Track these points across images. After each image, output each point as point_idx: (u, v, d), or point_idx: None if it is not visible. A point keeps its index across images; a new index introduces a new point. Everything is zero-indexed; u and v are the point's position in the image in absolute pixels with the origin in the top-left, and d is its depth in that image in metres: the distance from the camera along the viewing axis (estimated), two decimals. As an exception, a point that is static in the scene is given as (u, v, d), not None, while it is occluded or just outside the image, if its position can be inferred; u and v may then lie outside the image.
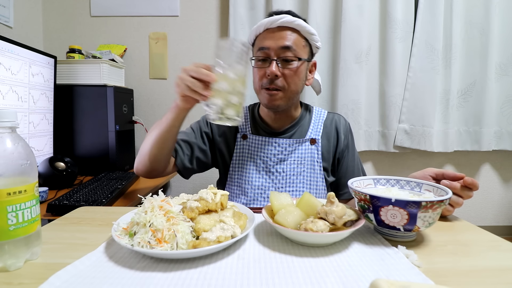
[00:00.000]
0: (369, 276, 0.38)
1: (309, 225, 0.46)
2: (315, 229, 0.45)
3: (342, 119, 0.93)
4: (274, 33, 0.78)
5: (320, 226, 0.45)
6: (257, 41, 0.81)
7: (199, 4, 1.74)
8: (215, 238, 0.43)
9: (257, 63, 0.80)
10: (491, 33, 1.64)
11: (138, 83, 1.77)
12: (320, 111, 0.93)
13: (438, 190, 0.52)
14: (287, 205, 0.52)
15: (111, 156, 1.42)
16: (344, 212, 0.48)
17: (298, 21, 0.77)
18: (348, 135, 0.92)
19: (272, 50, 0.77)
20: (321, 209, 0.48)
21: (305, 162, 0.85)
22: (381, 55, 1.69)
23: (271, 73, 0.76)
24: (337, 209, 0.47)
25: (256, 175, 0.85)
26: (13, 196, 0.39)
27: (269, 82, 0.78)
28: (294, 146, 0.86)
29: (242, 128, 0.90)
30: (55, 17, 1.73)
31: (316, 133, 0.88)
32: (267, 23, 0.78)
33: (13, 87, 1.06)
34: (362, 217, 0.50)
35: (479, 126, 1.71)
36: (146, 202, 0.48)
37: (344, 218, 0.47)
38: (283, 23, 0.77)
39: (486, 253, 0.46)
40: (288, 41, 0.76)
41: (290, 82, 0.78)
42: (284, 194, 0.54)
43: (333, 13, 1.68)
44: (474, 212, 1.88)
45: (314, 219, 0.47)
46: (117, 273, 0.39)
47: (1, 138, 0.40)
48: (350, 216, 0.49)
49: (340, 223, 0.47)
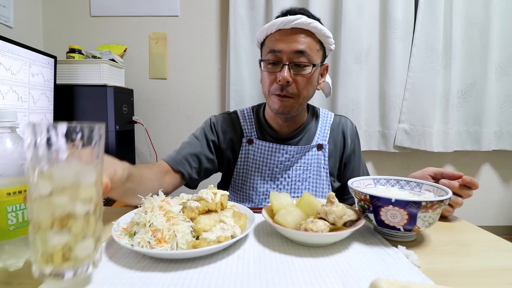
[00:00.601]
0: (369, 276, 0.38)
1: (309, 225, 0.46)
2: (315, 229, 0.45)
3: (349, 122, 0.90)
4: (287, 35, 0.72)
5: (320, 226, 0.45)
6: (268, 41, 0.75)
7: (199, 4, 1.74)
8: (215, 238, 0.43)
9: (267, 66, 0.75)
10: (491, 33, 1.64)
11: (138, 83, 1.77)
12: (326, 114, 0.90)
13: (438, 190, 0.52)
14: (287, 205, 0.52)
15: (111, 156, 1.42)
16: (344, 212, 0.47)
17: (314, 23, 0.71)
18: (355, 139, 0.90)
19: (284, 53, 0.71)
20: (321, 209, 0.48)
21: (311, 168, 0.83)
22: (381, 55, 1.69)
23: (283, 79, 0.71)
24: (337, 209, 0.47)
25: (261, 182, 0.83)
26: (13, 196, 0.39)
27: (280, 88, 0.73)
28: (301, 153, 0.83)
29: (247, 132, 0.86)
30: (55, 17, 1.73)
31: (323, 138, 0.85)
32: (281, 23, 0.71)
33: (13, 87, 1.06)
34: (362, 217, 0.50)
35: (479, 126, 1.71)
36: (146, 202, 0.48)
37: (344, 218, 0.47)
38: (298, 25, 0.70)
39: (486, 253, 0.46)
40: (302, 45, 0.71)
41: (302, 89, 0.74)
42: (284, 194, 0.54)
43: (333, 13, 1.68)
44: (474, 212, 1.88)
45: (314, 219, 0.47)
46: (117, 273, 0.39)
47: (1, 138, 0.40)
48: (350, 216, 0.48)
49: (340, 223, 0.47)
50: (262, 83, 0.79)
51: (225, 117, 0.89)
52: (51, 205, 0.32)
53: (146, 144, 1.80)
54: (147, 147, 1.80)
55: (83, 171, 0.33)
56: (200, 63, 1.78)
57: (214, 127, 0.87)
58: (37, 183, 0.32)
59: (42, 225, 0.32)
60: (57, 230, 0.32)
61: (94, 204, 0.34)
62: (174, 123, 1.81)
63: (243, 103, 1.68)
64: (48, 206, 0.32)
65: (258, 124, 0.87)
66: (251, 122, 0.87)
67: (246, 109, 0.90)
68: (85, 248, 0.33)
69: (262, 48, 0.80)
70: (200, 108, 1.80)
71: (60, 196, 0.32)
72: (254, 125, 0.86)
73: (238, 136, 0.86)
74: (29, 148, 0.32)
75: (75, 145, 0.32)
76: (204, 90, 1.79)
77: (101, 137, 0.35)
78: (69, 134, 0.32)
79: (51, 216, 0.32)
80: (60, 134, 0.31)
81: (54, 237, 0.32)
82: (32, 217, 0.32)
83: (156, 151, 1.77)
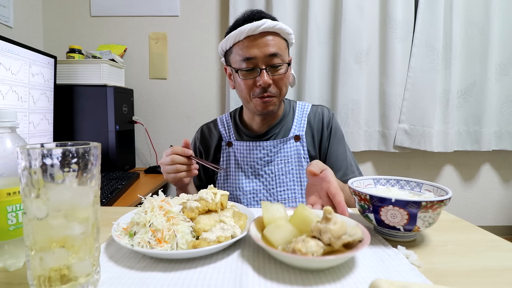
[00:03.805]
0: (368, 277, 0.38)
1: (298, 245, 0.38)
2: (304, 251, 0.37)
3: (325, 110, 0.92)
4: (257, 40, 0.74)
5: (311, 247, 0.37)
6: (238, 49, 0.77)
7: (199, 4, 1.74)
8: (215, 238, 0.43)
9: (243, 74, 0.77)
10: (491, 33, 1.64)
11: (138, 83, 1.77)
12: (303, 105, 0.92)
13: (438, 190, 0.52)
14: (279, 219, 0.45)
15: (111, 156, 1.42)
16: (344, 231, 0.39)
17: (279, 25, 0.75)
18: (332, 123, 0.90)
19: (259, 59, 0.74)
20: (314, 226, 0.40)
21: (292, 161, 0.85)
22: (381, 55, 1.69)
23: (264, 83, 0.75)
24: (335, 228, 0.38)
25: (245, 180, 0.86)
26: (13, 196, 0.39)
27: (262, 91, 0.77)
28: (279, 146, 0.85)
29: (225, 136, 0.91)
30: (55, 17, 1.73)
31: (300, 129, 0.87)
32: (249, 30, 0.73)
33: (13, 87, 1.06)
34: (368, 235, 0.41)
35: (479, 126, 1.71)
36: (146, 202, 0.48)
37: (343, 239, 0.39)
38: (265, 29, 0.74)
39: (486, 253, 0.46)
40: (273, 48, 0.75)
41: (282, 87, 0.79)
42: (276, 205, 0.47)
43: (333, 13, 1.67)
44: (474, 212, 1.87)
45: (306, 238, 0.39)
46: (117, 273, 0.39)
47: (1, 138, 0.40)
48: (352, 236, 0.39)
49: (338, 245, 0.38)
50: (239, 89, 0.81)
51: (203, 128, 0.96)
52: (47, 227, 0.31)
53: (146, 144, 1.80)
54: (147, 147, 1.80)
55: (79, 193, 0.33)
56: (200, 63, 1.78)
57: (196, 144, 0.94)
58: (32, 207, 0.31)
59: (38, 246, 0.31)
60: (54, 252, 0.31)
61: (91, 225, 0.34)
62: (174, 123, 1.81)
63: (243, 103, 1.68)
64: (44, 228, 0.31)
65: (235, 127, 0.92)
66: (229, 126, 0.92)
67: (225, 115, 0.95)
68: (83, 269, 0.33)
69: (228, 55, 0.82)
70: (200, 108, 1.80)
71: (56, 219, 0.32)
72: (232, 128, 0.91)
73: (217, 142, 0.92)
74: (23, 173, 0.31)
75: (71, 169, 0.32)
76: (204, 90, 1.79)
77: (97, 158, 0.34)
78: (65, 158, 0.31)
79: (47, 238, 0.31)
80: (55, 159, 0.31)
81: (51, 258, 0.31)
82: (28, 239, 0.32)
83: (156, 151, 1.77)
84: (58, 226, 0.32)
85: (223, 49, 0.82)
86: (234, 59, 0.79)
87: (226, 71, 0.86)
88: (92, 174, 0.34)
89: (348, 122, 1.66)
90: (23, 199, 0.32)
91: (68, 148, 0.31)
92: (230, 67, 0.82)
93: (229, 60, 0.82)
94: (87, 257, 0.33)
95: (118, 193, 1.06)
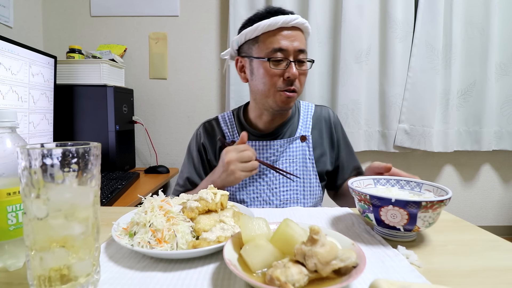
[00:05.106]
0: (368, 278, 0.38)
1: (277, 272, 0.31)
2: (283, 280, 0.31)
3: (330, 111, 0.93)
4: (289, 33, 0.74)
5: (291, 275, 0.31)
6: (268, 39, 0.75)
7: (199, 4, 1.74)
8: (215, 238, 0.43)
9: (273, 63, 0.74)
10: (491, 33, 1.64)
11: (138, 83, 1.77)
12: (307, 105, 0.92)
13: (438, 190, 0.52)
14: (258, 237, 0.37)
15: (111, 156, 1.42)
16: (334, 255, 0.32)
17: (307, 23, 0.77)
18: (339, 125, 0.93)
19: (290, 51, 0.74)
20: (298, 248, 0.33)
21: (297, 161, 0.85)
22: (381, 55, 1.69)
23: (293, 75, 0.74)
24: (322, 251, 0.32)
25: (249, 180, 0.84)
26: (13, 196, 0.39)
27: (287, 84, 0.75)
28: (285, 146, 0.85)
29: (228, 135, 0.87)
30: (55, 17, 1.73)
31: (306, 130, 0.87)
32: (283, 22, 0.73)
33: (13, 87, 1.06)
34: (364, 259, 0.35)
35: (479, 126, 1.71)
36: (146, 202, 0.48)
37: (332, 265, 0.32)
38: (297, 24, 0.75)
39: (486, 253, 0.46)
40: (302, 44, 0.76)
41: (303, 83, 0.79)
42: (258, 219, 0.40)
43: (333, 13, 1.67)
44: (474, 212, 1.88)
45: (288, 263, 0.33)
46: (117, 273, 0.39)
47: (1, 138, 0.40)
48: (344, 261, 0.32)
49: (326, 272, 0.32)
50: (260, 81, 0.77)
51: (206, 125, 0.92)
52: (47, 227, 0.31)
53: (146, 144, 1.80)
54: (147, 147, 1.80)
55: (79, 193, 0.33)
56: (200, 63, 1.78)
57: (199, 140, 0.91)
58: (32, 207, 0.31)
59: (38, 246, 0.31)
60: (54, 252, 0.31)
61: (91, 224, 0.34)
62: (174, 123, 1.81)
63: (243, 103, 1.67)
64: (44, 228, 0.31)
65: (239, 126, 0.89)
66: (232, 125, 0.89)
67: (227, 113, 0.92)
68: (83, 269, 0.33)
69: (248, 46, 0.79)
70: (200, 108, 1.80)
71: (56, 219, 0.31)
72: (236, 127, 0.88)
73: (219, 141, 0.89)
74: (23, 173, 0.31)
75: (71, 169, 0.31)
76: (204, 90, 1.79)
77: (97, 158, 0.34)
78: (65, 158, 0.31)
79: (47, 238, 0.31)
80: (55, 159, 0.31)
81: (51, 258, 0.31)
82: (28, 239, 0.31)
83: (156, 151, 1.77)
84: (58, 226, 0.32)
85: (245, 38, 0.78)
86: (260, 49, 0.76)
87: (237, 63, 0.83)
88: (92, 174, 0.34)
89: (348, 122, 1.66)
90: (23, 199, 0.32)
91: (68, 148, 0.31)
92: (248, 58, 0.79)
93: (248, 51, 0.79)
94: (87, 257, 0.33)
95: (118, 193, 1.06)
